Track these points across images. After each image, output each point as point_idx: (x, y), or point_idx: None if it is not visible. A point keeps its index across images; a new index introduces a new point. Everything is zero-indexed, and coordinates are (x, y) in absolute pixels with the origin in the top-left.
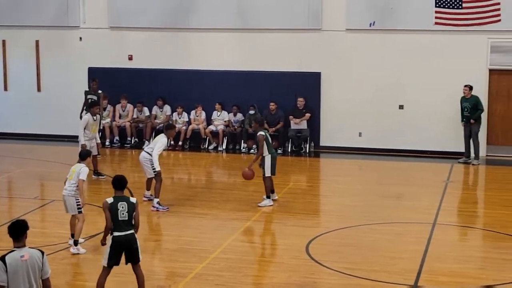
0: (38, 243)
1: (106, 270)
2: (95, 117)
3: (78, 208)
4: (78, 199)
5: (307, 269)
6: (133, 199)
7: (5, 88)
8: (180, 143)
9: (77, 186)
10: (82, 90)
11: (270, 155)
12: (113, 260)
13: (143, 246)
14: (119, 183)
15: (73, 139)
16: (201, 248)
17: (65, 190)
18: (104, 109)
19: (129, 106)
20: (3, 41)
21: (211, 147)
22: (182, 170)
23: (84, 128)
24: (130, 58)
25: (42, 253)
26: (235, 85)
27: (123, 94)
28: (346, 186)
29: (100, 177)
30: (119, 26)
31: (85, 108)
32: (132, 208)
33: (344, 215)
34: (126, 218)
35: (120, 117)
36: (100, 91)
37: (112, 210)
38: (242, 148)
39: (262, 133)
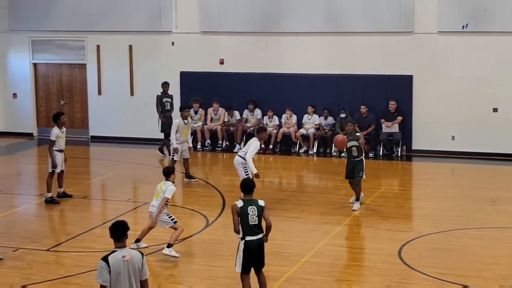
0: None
1: (244, 276)
2: (186, 121)
3: (172, 220)
4: (169, 214)
5: (399, 273)
6: (261, 202)
7: (99, 93)
8: (270, 146)
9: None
10: (174, 94)
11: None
12: (248, 266)
13: (234, 250)
14: (247, 186)
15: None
16: (292, 252)
17: (152, 207)
18: (196, 112)
19: (221, 110)
20: (98, 46)
21: (301, 150)
22: (273, 174)
23: (176, 132)
24: (222, 62)
25: (142, 254)
26: (326, 88)
27: (215, 98)
28: (439, 190)
29: (192, 180)
30: (210, 31)
31: (161, 111)
32: (261, 211)
33: (437, 219)
34: (256, 222)
35: (211, 120)
36: (171, 94)
37: (242, 214)
38: (333, 151)
39: (358, 134)
